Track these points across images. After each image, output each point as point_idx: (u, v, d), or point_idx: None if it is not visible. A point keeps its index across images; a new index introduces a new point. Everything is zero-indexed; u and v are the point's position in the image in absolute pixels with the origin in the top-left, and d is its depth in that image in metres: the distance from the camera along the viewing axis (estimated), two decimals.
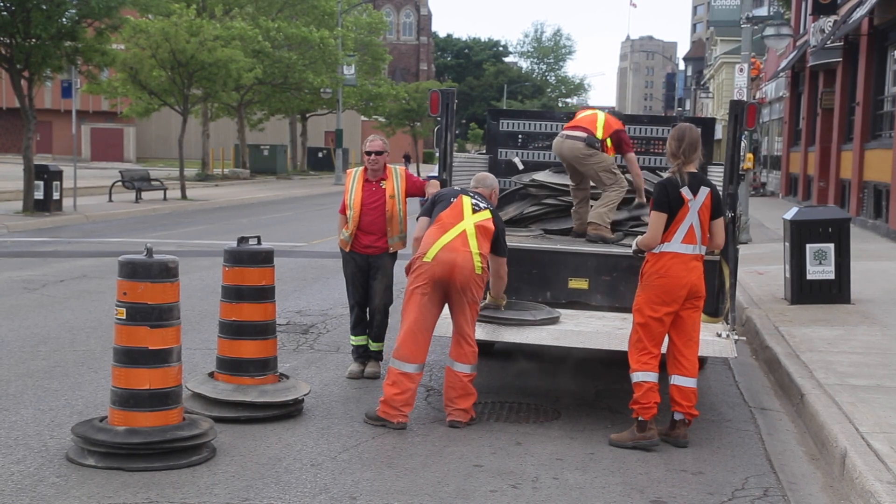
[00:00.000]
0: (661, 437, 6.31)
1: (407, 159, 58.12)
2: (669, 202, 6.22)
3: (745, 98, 19.70)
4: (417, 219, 6.84)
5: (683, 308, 6.25)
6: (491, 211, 6.74)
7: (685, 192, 6.24)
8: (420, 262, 6.49)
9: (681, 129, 6.39)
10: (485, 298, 6.90)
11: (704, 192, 6.31)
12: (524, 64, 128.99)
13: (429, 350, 6.67)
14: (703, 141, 9.58)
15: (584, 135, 8.32)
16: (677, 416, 6.34)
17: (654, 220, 6.23)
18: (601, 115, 8.61)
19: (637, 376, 6.24)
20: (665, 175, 6.57)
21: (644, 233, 6.44)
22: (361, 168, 7.84)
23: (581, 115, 8.75)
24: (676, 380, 6.33)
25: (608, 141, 8.40)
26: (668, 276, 6.18)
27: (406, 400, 6.43)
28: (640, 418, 6.21)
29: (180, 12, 30.54)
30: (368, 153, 7.68)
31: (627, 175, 8.50)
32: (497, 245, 6.70)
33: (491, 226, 6.64)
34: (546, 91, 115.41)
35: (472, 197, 6.76)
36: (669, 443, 6.31)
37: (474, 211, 6.65)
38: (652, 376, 6.23)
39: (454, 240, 6.49)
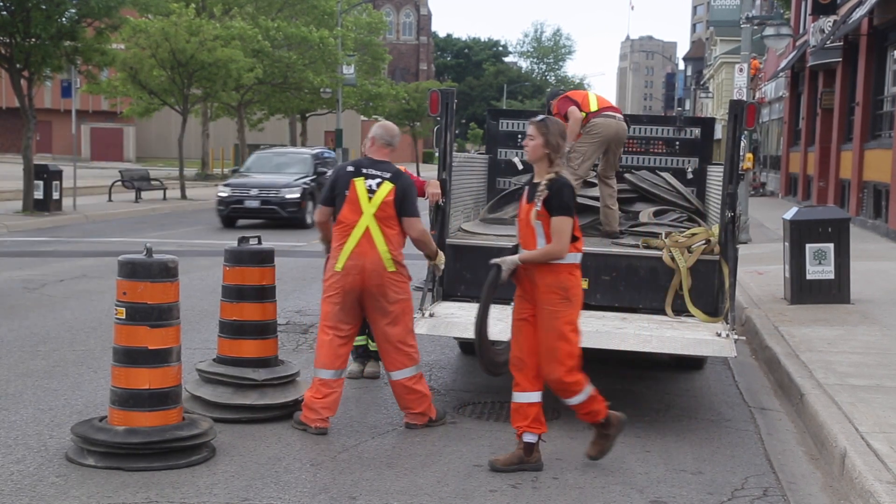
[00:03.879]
0: (512, 466, 5.68)
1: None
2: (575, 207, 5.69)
3: (744, 98, 19.70)
4: (320, 204, 6.52)
5: None
6: (391, 179, 6.29)
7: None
8: (332, 271, 6.33)
9: (559, 125, 5.76)
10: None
11: None
12: (524, 64, 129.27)
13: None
14: (703, 139, 9.72)
15: (622, 116, 8.71)
16: (533, 439, 5.75)
17: (568, 226, 5.53)
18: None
19: (589, 389, 5.75)
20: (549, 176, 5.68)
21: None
22: None
23: (596, 96, 8.87)
24: (540, 396, 5.75)
25: None
26: (581, 287, 5.76)
27: (326, 405, 6.29)
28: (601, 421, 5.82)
29: (180, 12, 30.52)
30: None
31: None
32: (401, 207, 6.27)
33: (391, 198, 6.24)
34: (546, 91, 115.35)
35: (366, 177, 6.29)
36: (527, 469, 5.68)
37: (370, 196, 6.25)
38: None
39: (359, 242, 6.23)
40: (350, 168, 6.40)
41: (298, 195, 21.50)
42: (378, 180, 6.30)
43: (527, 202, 5.67)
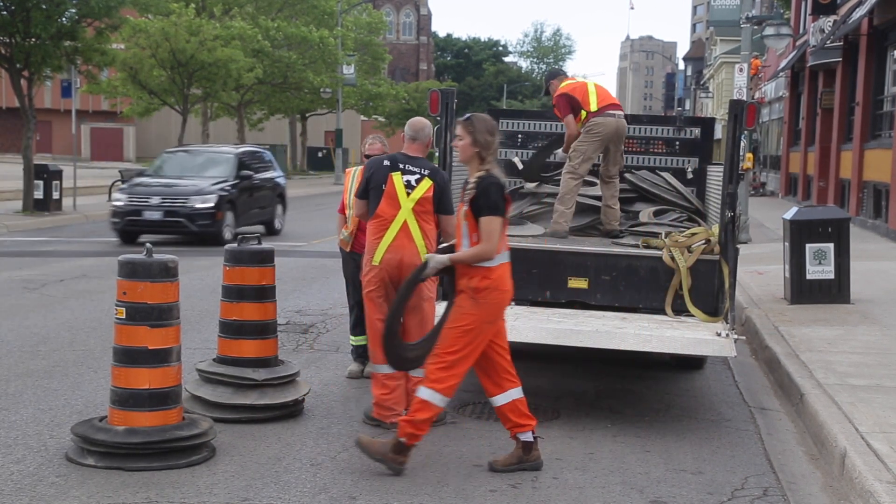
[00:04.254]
0: (512, 466, 5.65)
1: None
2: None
3: (744, 98, 19.70)
4: (356, 197, 6.61)
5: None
6: (430, 175, 6.34)
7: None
8: (369, 265, 6.38)
9: (486, 122, 5.58)
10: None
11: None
12: (524, 64, 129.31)
13: None
14: (703, 139, 9.71)
15: (623, 114, 8.61)
16: (529, 437, 5.69)
17: (497, 226, 5.40)
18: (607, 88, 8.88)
19: (440, 402, 5.50)
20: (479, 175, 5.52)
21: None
22: (360, 167, 7.82)
23: (596, 89, 8.74)
24: (517, 392, 5.67)
25: None
26: (503, 290, 5.51)
27: (396, 399, 6.37)
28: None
29: (180, 12, 30.54)
30: (368, 157, 7.68)
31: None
32: (439, 204, 6.36)
33: (430, 194, 6.30)
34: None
35: (404, 172, 6.31)
36: (527, 468, 5.67)
37: (409, 191, 6.29)
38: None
39: (397, 236, 6.28)
40: (387, 162, 6.44)
41: (212, 204, 17.37)
42: (417, 176, 6.36)
43: (461, 201, 5.61)
